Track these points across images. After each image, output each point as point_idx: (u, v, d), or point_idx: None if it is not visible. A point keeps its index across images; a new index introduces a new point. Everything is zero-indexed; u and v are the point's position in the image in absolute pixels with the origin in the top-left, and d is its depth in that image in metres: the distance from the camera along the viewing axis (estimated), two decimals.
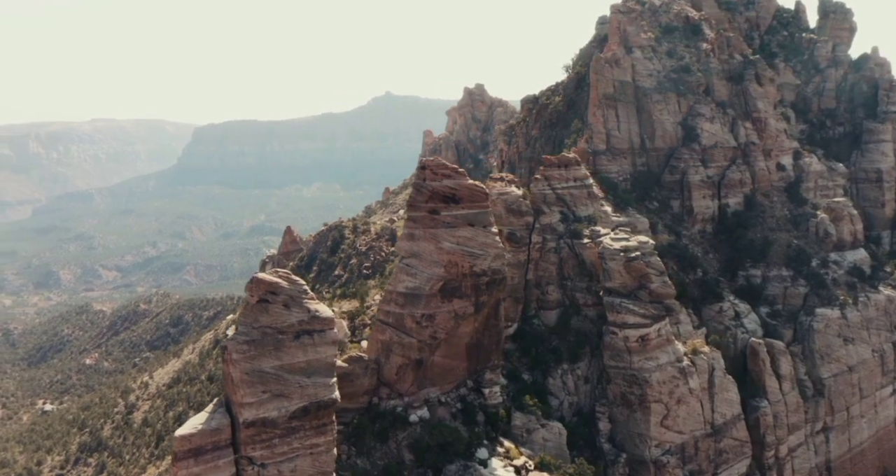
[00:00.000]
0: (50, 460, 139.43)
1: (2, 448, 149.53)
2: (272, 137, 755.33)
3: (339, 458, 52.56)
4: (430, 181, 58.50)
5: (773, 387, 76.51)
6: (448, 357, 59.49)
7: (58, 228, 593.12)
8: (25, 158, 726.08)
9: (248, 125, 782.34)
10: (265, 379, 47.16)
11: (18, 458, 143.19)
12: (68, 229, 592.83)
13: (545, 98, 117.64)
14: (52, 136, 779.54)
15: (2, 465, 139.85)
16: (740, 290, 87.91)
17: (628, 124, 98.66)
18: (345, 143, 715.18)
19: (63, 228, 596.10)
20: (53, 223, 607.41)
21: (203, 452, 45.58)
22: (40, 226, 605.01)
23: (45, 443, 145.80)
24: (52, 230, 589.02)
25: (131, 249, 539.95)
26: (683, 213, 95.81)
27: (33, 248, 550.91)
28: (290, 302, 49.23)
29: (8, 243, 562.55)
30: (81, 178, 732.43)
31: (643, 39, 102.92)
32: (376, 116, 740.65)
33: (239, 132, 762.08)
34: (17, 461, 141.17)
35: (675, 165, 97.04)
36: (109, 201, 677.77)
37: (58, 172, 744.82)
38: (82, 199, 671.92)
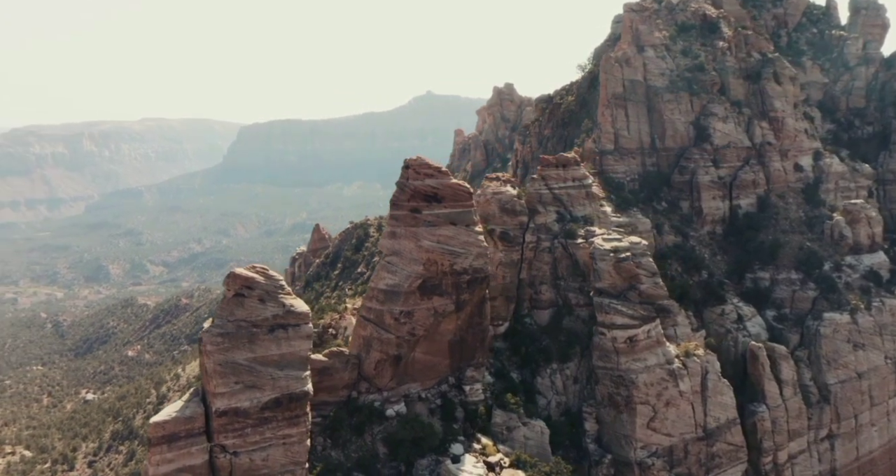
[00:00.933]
0: (84, 447, 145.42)
1: (43, 434, 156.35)
2: (315, 136, 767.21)
3: (315, 450, 54.01)
4: (412, 180, 59.49)
5: (772, 391, 75.03)
6: (430, 354, 60.39)
7: (109, 224, 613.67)
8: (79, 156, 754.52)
9: (292, 124, 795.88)
10: (238, 370, 48.84)
11: (57, 444, 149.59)
12: (118, 225, 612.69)
13: (559, 98, 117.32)
14: (104, 134, 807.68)
15: (41, 450, 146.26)
16: (746, 292, 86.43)
17: (638, 124, 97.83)
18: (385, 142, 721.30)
19: (114, 224, 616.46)
20: (105, 219, 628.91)
21: (177, 439, 47.51)
22: (92, 221, 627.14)
23: (82, 430, 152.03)
24: (104, 226, 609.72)
25: (177, 245, 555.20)
26: (692, 214, 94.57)
27: (85, 243, 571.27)
28: (266, 297, 50.83)
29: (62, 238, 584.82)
30: (132, 176, 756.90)
31: (656, 38, 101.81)
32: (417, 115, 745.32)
33: (283, 131, 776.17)
34: (56, 447, 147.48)
35: (684, 166, 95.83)
36: (158, 198, 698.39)
37: (110, 170, 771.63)
38: (132, 196, 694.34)
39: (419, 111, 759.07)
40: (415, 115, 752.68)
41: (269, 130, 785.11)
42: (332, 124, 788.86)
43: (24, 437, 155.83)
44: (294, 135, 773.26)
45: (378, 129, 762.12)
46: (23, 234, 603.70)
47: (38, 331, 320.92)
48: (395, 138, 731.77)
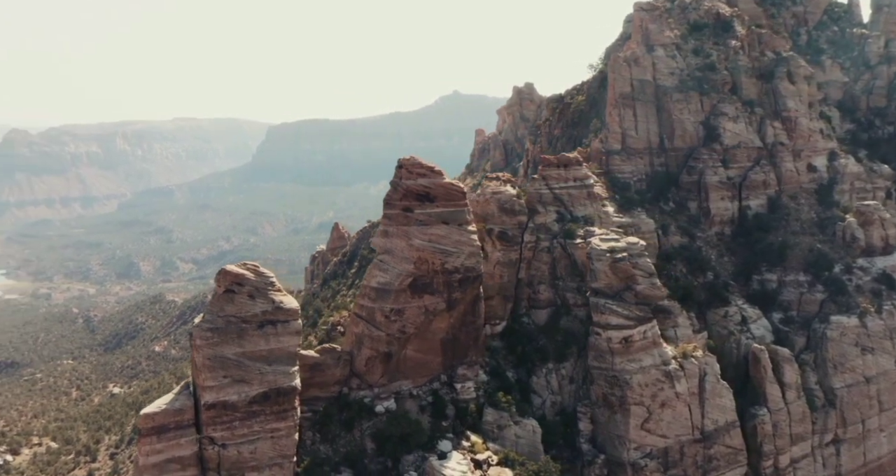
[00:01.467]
0: (107, 440, 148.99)
1: (69, 426, 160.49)
2: (342, 136, 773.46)
3: (304, 444, 55.13)
4: (405, 179, 60.23)
5: (774, 395, 74.10)
6: (421, 351, 61.08)
7: (140, 222, 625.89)
8: (113, 155, 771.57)
9: (320, 124, 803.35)
10: (226, 364, 50.15)
11: (81, 436, 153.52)
12: (150, 223, 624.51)
13: (570, 97, 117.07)
14: (137, 134, 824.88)
15: (66, 442, 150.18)
16: (753, 294, 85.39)
17: (647, 124, 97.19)
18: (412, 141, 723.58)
19: (145, 222, 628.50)
20: (136, 217, 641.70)
21: (166, 430, 49.00)
22: (124, 219, 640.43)
23: (106, 423, 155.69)
24: (135, 224, 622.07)
25: (207, 243, 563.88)
26: (700, 214, 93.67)
27: (117, 240, 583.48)
28: (256, 293, 52.07)
29: (95, 235, 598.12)
30: (163, 175, 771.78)
31: (666, 37, 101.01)
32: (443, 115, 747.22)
33: (311, 131, 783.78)
34: (80, 439, 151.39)
35: (693, 166, 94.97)
36: (188, 197, 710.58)
37: (142, 169, 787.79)
38: (163, 195, 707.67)
39: (446, 111, 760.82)
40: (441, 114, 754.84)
41: (297, 130, 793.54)
42: (358, 124, 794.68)
43: (52, 429, 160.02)
44: (322, 134, 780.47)
45: (404, 129, 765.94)
46: (57, 231, 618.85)
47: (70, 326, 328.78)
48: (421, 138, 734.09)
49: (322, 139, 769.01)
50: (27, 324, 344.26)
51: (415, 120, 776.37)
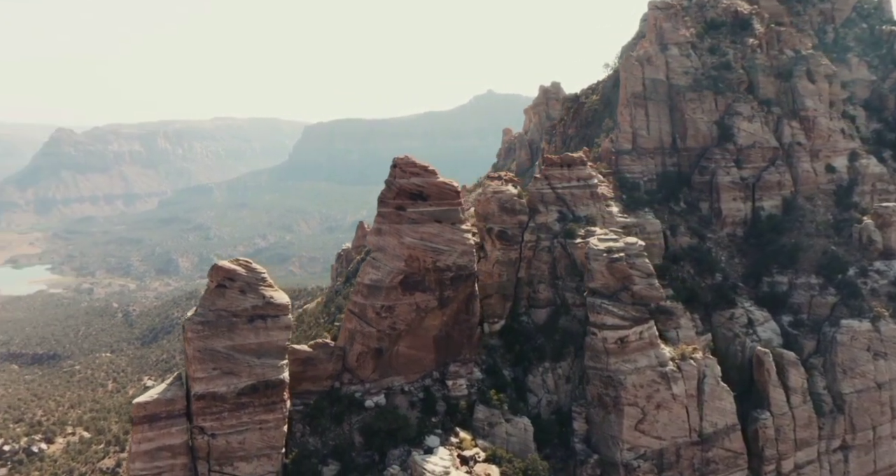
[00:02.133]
0: None
1: (102, 417, 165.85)
2: (376, 135, 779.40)
3: (294, 436, 56.47)
4: (398, 178, 61.14)
5: (777, 399, 72.96)
6: (414, 348, 61.94)
7: (180, 219, 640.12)
8: (154, 154, 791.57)
9: (354, 123, 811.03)
10: (216, 357, 51.76)
11: (113, 426, 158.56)
12: (189, 220, 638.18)
13: (584, 97, 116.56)
14: (177, 133, 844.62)
15: (98, 432, 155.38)
16: (762, 297, 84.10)
17: (659, 123, 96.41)
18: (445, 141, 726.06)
19: (184, 219, 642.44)
20: (176, 214, 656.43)
21: (157, 419, 50.80)
22: (164, 216, 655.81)
23: None
24: (175, 221, 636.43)
25: (243, 240, 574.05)
26: (712, 215, 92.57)
27: (157, 237, 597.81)
28: (247, 288, 53.57)
29: (136, 232, 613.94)
30: (203, 173, 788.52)
31: (681, 36, 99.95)
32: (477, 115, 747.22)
33: (345, 130, 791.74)
34: (112, 430, 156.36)
35: (705, 166, 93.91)
36: (226, 195, 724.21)
37: (182, 167, 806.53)
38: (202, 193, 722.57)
39: (480, 110, 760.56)
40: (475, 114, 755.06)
41: (331, 129, 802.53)
42: (392, 123, 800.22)
43: (86, 419, 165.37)
44: (356, 134, 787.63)
45: (438, 129, 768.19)
46: (100, 227, 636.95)
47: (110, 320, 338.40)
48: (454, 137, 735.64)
49: (356, 138, 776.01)
50: (69, 317, 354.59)
51: (448, 119, 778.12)
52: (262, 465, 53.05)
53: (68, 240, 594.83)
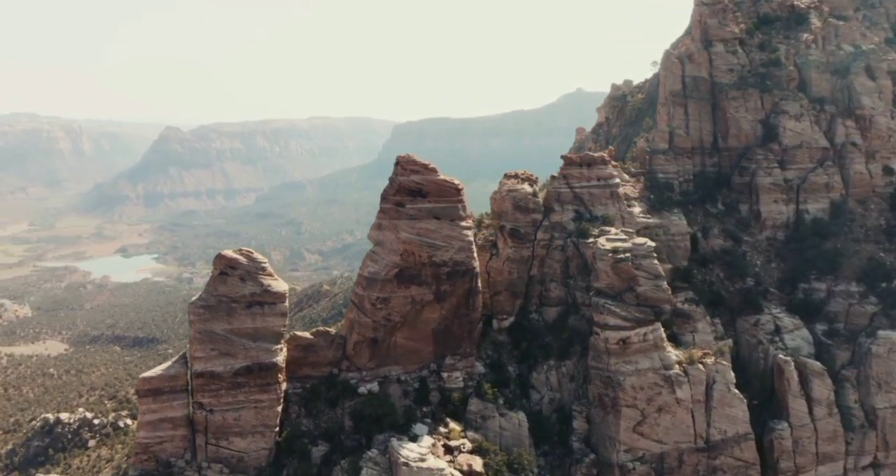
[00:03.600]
0: None
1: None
2: (463, 134, 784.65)
3: (290, 417, 60.05)
4: (399, 176, 63.49)
5: (797, 409, 69.97)
6: (412, 340, 64.13)
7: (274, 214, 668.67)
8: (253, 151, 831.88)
9: (443, 122, 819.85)
10: (215, 339, 56.02)
11: None
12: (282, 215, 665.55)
13: (631, 95, 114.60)
14: (275, 131, 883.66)
15: None
16: (797, 303, 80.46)
17: (699, 122, 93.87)
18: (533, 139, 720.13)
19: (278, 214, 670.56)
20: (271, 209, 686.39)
21: (161, 393, 55.59)
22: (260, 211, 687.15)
23: None
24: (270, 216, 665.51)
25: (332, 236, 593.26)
26: (751, 217, 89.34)
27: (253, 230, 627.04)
28: (247, 276, 57.57)
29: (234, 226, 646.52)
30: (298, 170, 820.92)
31: (727, 32, 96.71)
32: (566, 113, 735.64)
33: (434, 129, 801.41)
34: None
35: (745, 167, 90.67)
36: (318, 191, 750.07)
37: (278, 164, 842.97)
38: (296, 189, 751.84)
39: (568, 108, 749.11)
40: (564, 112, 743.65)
41: (420, 128, 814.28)
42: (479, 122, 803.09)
43: None
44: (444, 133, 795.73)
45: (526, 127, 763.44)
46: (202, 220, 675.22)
47: None
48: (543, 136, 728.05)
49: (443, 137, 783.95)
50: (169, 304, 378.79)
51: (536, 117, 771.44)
52: (255, 441, 56.92)
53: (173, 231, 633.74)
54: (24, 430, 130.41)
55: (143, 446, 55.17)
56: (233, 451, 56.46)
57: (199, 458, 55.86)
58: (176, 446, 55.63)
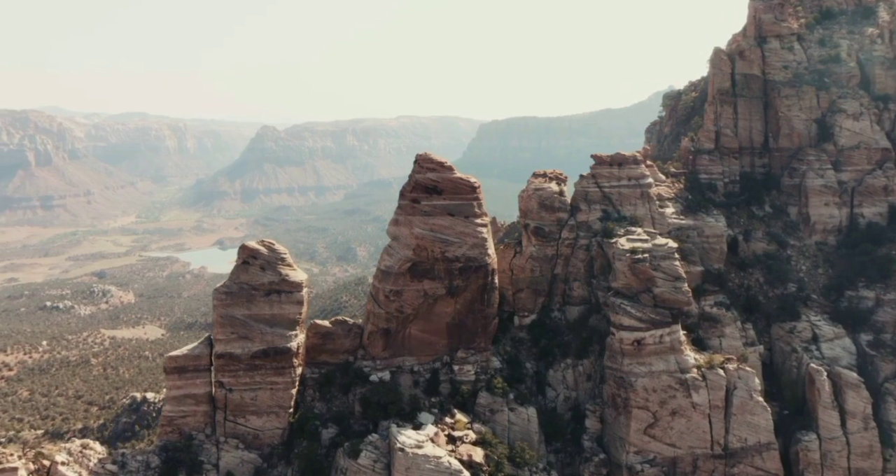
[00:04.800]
0: None
1: None
2: (551, 133, 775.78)
3: (304, 399, 63.51)
4: (416, 173, 65.67)
5: (828, 421, 67.01)
6: (426, 332, 66.24)
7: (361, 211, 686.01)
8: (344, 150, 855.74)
9: (528, 121, 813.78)
10: (234, 323, 60.18)
11: None
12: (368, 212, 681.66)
13: (686, 93, 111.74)
14: (365, 130, 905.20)
15: None
16: (841, 311, 76.84)
17: (749, 122, 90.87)
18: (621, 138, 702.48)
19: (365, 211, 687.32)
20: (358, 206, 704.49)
21: (185, 371, 60.28)
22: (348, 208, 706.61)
23: None
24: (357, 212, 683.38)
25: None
26: (800, 221, 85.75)
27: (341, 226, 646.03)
28: (267, 266, 61.47)
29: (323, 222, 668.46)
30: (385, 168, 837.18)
31: (783, 28, 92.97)
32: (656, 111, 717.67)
33: (519, 128, 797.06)
34: None
35: (795, 168, 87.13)
36: None
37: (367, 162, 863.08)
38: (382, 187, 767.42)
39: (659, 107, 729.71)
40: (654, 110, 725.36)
41: (506, 127, 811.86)
42: (565, 121, 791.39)
43: None
44: (529, 131, 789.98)
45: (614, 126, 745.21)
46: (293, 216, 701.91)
47: None
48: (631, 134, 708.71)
49: (529, 136, 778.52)
50: None
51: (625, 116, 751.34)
52: (270, 420, 60.72)
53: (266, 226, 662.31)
54: (117, 407, 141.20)
55: (168, 419, 60.10)
56: (249, 428, 60.51)
57: (218, 432, 60.22)
58: (198, 421, 60.20)
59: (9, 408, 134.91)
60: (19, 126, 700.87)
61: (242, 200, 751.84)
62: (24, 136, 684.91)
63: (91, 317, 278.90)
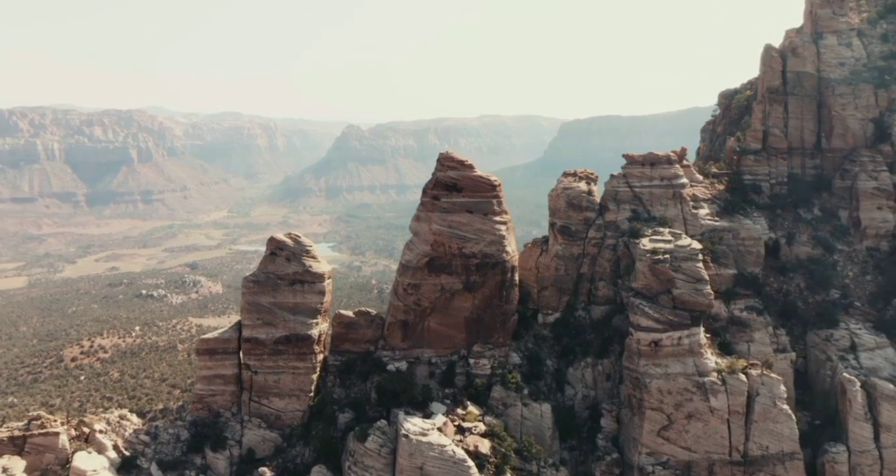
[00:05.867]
0: None
1: None
2: (633, 133, 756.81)
3: (325, 385, 66.84)
4: (438, 171, 67.66)
5: (859, 433, 64.22)
6: (444, 326, 68.20)
7: None
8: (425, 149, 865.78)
9: (612, 120, 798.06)
10: (260, 309, 64.20)
11: None
12: None
13: (740, 92, 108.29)
14: (446, 130, 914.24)
15: None
16: (887, 320, 73.15)
17: (800, 121, 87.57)
18: None
19: None
20: None
21: (216, 353, 64.84)
22: None
23: None
24: None
25: None
26: (850, 225, 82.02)
27: None
28: (292, 257, 65.19)
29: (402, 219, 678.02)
30: None
31: (841, 23, 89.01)
32: None
33: (602, 127, 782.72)
34: None
35: (847, 169, 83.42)
36: None
37: None
38: None
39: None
40: None
41: (588, 126, 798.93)
42: (651, 120, 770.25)
43: None
44: (612, 131, 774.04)
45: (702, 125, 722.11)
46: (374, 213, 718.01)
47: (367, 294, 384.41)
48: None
49: (612, 135, 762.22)
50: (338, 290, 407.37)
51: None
52: (291, 402, 64.39)
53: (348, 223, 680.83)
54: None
55: (199, 397, 64.84)
56: (271, 409, 64.38)
57: (244, 411, 64.43)
58: (225, 400, 64.63)
59: (101, 387, 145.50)
60: (124, 125, 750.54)
61: (327, 197, 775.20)
62: (128, 134, 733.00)
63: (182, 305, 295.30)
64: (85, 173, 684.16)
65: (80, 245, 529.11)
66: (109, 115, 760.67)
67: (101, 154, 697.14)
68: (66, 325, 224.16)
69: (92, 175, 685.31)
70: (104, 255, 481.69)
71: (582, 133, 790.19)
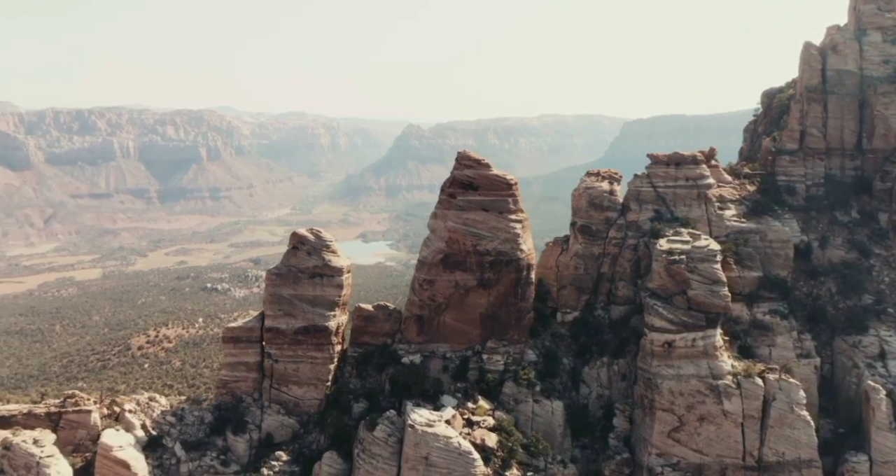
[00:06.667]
0: None
1: None
2: (698, 132, 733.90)
3: (343, 375, 69.28)
4: (455, 170, 69.12)
5: (882, 443, 62.14)
6: (460, 321, 69.64)
7: None
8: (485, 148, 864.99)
9: (675, 119, 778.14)
10: (281, 301, 67.19)
11: None
12: None
13: (783, 91, 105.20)
14: (506, 129, 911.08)
15: None
16: None
17: (840, 121, 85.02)
18: None
19: None
20: None
21: (240, 341, 68.23)
22: None
23: None
24: None
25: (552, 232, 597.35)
26: (889, 228, 79.13)
27: None
28: (313, 251, 67.98)
29: None
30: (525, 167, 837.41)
31: (886, 19, 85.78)
32: None
33: (665, 126, 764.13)
34: None
35: (888, 171, 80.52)
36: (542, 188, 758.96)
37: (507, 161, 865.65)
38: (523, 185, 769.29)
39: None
40: None
41: (651, 126, 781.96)
42: (716, 119, 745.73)
43: None
44: (676, 130, 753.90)
45: None
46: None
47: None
48: None
49: (675, 135, 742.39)
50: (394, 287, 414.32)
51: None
52: (309, 391, 67.11)
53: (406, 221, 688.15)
54: None
55: (223, 382, 68.30)
56: (290, 396, 67.23)
57: (264, 398, 67.49)
58: (248, 386, 67.88)
59: (162, 375, 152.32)
60: (194, 124, 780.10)
61: (386, 196, 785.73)
62: (198, 133, 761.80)
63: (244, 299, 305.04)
64: (157, 171, 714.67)
65: (152, 239, 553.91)
66: (181, 114, 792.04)
67: (172, 152, 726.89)
68: (136, 315, 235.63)
69: (164, 172, 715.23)
70: (173, 250, 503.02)
71: (644, 133, 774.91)
